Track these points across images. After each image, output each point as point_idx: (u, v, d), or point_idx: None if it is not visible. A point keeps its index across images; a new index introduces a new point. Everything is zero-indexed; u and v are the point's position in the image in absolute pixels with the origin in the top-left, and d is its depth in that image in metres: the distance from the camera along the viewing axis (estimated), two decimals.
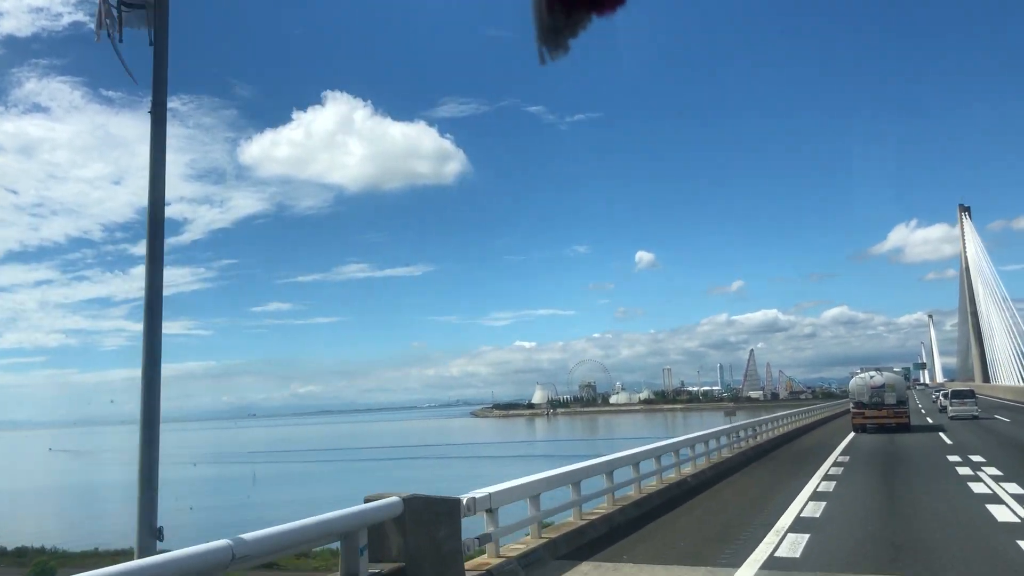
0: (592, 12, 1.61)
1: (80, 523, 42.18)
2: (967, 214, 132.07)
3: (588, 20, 1.62)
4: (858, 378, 34.87)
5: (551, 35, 1.63)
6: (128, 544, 22.06)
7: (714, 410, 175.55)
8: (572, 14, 1.60)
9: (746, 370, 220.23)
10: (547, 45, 1.63)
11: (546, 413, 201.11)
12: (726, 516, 13.20)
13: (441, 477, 49.53)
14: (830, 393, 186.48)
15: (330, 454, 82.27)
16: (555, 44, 1.64)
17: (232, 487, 57.83)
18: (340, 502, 7.51)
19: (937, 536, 10.83)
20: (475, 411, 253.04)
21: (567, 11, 1.59)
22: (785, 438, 32.43)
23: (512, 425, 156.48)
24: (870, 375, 34.40)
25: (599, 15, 1.61)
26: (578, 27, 1.62)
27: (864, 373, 34.89)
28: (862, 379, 34.51)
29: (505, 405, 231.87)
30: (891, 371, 35.97)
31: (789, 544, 10.22)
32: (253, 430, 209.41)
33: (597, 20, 1.62)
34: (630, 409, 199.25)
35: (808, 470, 19.51)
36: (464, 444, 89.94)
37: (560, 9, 1.59)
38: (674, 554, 10.11)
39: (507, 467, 55.51)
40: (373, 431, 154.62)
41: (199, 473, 64.88)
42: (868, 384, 34.05)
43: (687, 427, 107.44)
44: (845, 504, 13.97)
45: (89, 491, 61.32)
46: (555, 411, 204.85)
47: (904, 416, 33.75)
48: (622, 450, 14.60)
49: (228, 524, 28.22)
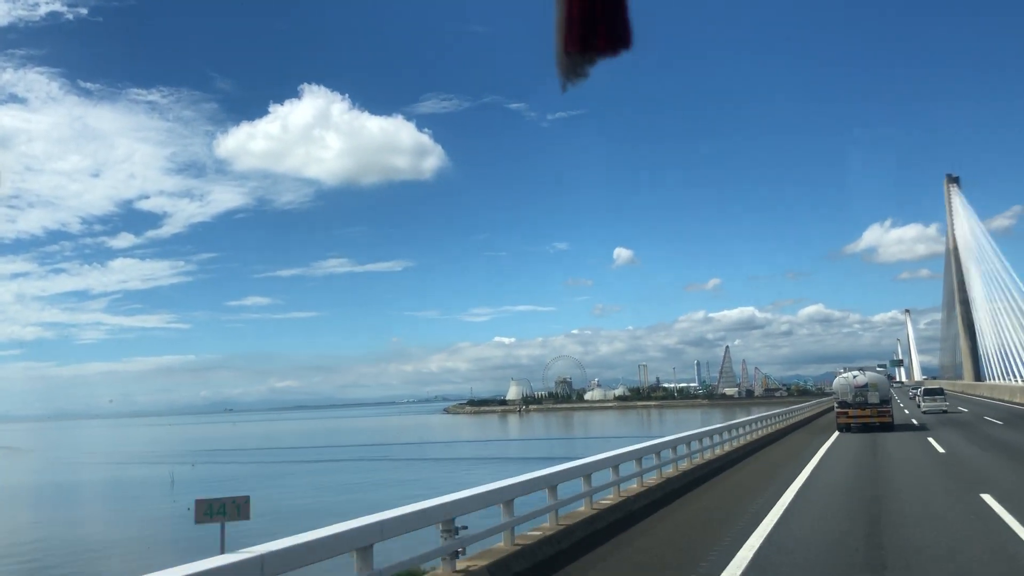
0: (606, 52, 1.76)
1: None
2: (956, 185, 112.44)
3: (602, 58, 1.78)
4: (841, 378, 34.76)
5: (569, 69, 1.78)
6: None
7: (688, 408, 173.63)
8: (587, 53, 1.76)
9: (721, 367, 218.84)
10: (567, 77, 1.78)
11: (518, 410, 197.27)
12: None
13: (372, 483, 44.22)
14: (805, 391, 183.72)
15: (272, 454, 76.56)
16: (575, 75, 1.78)
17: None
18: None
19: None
20: (448, 407, 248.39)
21: (582, 51, 1.75)
22: (740, 454, 27.75)
23: (482, 422, 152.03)
24: (853, 375, 34.30)
25: (612, 55, 1.77)
26: (592, 62, 1.79)
27: (848, 373, 34.71)
28: (845, 379, 34.39)
29: (479, 401, 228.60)
30: (874, 371, 35.88)
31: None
32: (218, 425, 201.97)
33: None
34: (603, 406, 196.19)
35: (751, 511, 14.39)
36: (422, 444, 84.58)
37: (576, 48, 1.75)
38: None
39: (456, 471, 50.56)
40: (333, 428, 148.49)
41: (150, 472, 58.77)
42: (852, 384, 33.94)
43: (654, 424, 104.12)
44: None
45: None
46: (527, 408, 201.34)
47: (887, 415, 33.77)
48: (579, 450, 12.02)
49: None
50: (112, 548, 27.42)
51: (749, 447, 27.45)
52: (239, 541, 7.86)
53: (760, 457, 25.10)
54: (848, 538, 11.07)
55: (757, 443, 29.00)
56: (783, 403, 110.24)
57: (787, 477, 18.59)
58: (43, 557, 25.37)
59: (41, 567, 24.10)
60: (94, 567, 24.31)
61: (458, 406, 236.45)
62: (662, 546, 11.24)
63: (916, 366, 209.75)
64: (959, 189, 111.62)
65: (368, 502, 30.72)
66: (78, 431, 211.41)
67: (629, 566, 10.13)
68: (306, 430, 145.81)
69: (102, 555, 25.93)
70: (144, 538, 29.16)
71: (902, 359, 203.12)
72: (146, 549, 26.56)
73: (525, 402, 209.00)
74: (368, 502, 30.72)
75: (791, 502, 14.55)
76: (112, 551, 26.78)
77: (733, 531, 11.76)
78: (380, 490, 39.42)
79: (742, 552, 10.13)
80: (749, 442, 28.30)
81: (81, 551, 26.57)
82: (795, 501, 14.70)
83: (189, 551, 10.98)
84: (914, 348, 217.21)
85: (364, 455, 68.06)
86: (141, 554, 24.97)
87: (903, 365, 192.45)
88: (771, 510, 13.55)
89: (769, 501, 14.57)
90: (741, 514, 13.39)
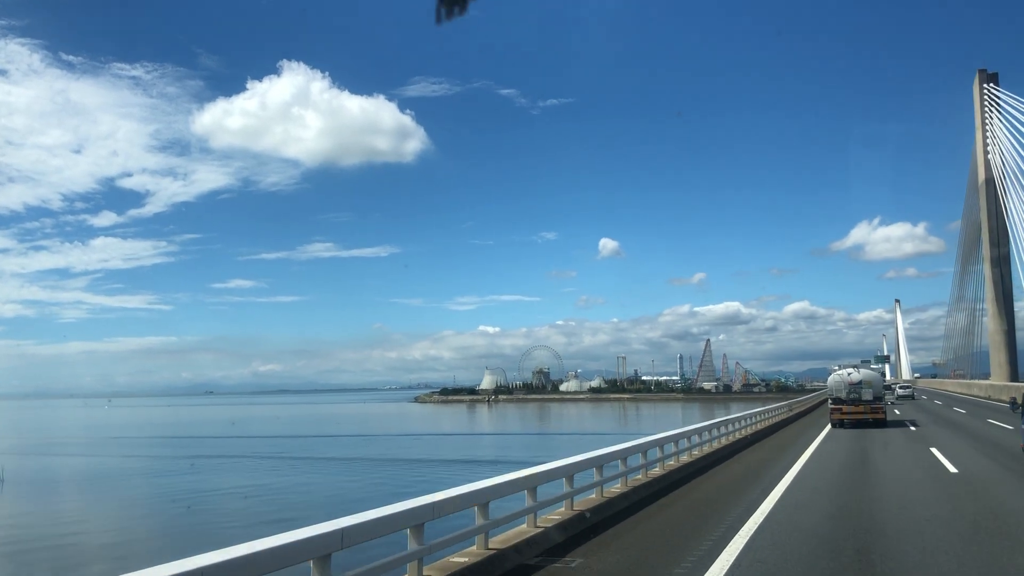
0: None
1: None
2: (992, 83, 77.56)
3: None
4: (836, 375, 35.45)
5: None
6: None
7: (662, 401, 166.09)
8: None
9: (701, 360, 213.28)
10: (444, 2, 1.52)
11: (487, 400, 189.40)
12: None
13: (274, 488, 34.85)
14: (785, 387, 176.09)
15: (171, 444, 67.09)
16: (452, 1, 1.52)
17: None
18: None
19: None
20: (419, 396, 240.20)
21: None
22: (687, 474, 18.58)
23: (443, 412, 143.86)
24: (848, 372, 34.92)
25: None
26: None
27: (842, 370, 35.32)
28: (840, 376, 34.97)
29: (453, 390, 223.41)
30: (868, 368, 36.70)
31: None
32: (192, 409, 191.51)
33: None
34: (576, 398, 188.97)
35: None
36: (351, 437, 75.15)
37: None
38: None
39: (343, 473, 41.47)
40: (272, 416, 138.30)
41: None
42: (846, 381, 34.50)
43: (621, 418, 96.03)
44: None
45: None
46: (496, 398, 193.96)
47: (880, 412, 34.43)
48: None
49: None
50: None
51: (677, 476, 18.34)
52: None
53: (693, 489, 16.03)
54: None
55: (702, 463, 20.07)
56: (761, 399, 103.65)
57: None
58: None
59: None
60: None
61: (428, 395, 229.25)
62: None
63: (905, 362, 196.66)
64: (996, 89, 76.42)
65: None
66: (45, 410, 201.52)
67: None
68: (244, 416, 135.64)
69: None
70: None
71: (888, 355, 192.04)
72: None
73: (497, 392, 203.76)
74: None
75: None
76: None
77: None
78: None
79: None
80: (686, 463, 19.34)
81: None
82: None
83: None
84: (903, 342, 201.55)
85: (270, 450, 58.82)
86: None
87: (889, 362, 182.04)
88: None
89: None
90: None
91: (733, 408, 73.04)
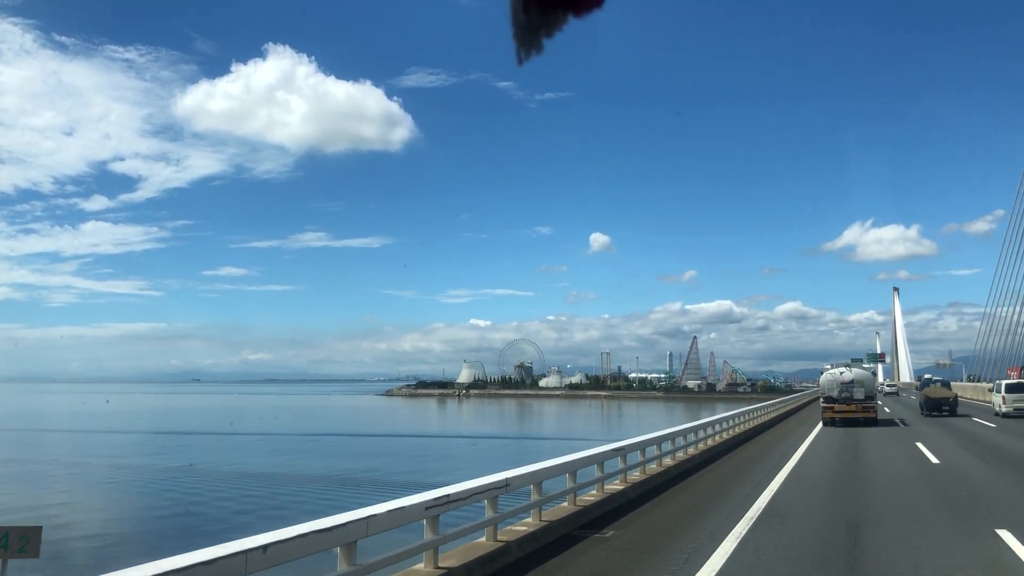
0: (569, 12, 1.54)
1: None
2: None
3: (565, 20, 1.55)
4: (828, 374, 35.60)
5: (527, 34, 1.55)
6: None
7: (641, 400, 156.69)
8: (549, 13, 1.52)
9: (687, 358, 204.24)
10: (523, 44, 1.55)
11: (457, 394, 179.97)
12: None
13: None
14: (772, 387, 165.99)
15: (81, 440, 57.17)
16: (530, 44, 1.56)
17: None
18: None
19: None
20: (390, 389, 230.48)
21: (544, 10, 1.52)
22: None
23: (410, 407, 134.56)
24: (840, 371, 35.17)
25: (576, 16, 1.55)
26: (554, 27, 1.55)
27: (835, 369, 35.69)
28: (832, 375, 35.11)
29: (425, 384, 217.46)
30: (860, 367, 37.13)
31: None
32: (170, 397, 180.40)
33: (574, 20, 1.56)
34: (551, 394, 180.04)
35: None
36: (273, 434, 65.15)
37: (537, 8, 1.52)
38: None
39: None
40: (226, 405, 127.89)
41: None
42: (838, 380, 34.47)
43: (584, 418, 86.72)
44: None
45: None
46: (466, 392, 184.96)
47: (872, 411, 34.55)
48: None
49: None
50: None
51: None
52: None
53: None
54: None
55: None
56: (745, 400, 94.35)
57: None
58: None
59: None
60: None
61: (399, 388, 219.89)
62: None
63: (904, 361, 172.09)
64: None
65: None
66: (29, 395, 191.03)
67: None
68: (217, 407, 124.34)
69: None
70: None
71: (883, 353, 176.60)
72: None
73: (469, 386, 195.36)
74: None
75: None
76: None
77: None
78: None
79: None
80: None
81: None
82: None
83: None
84: (902, 338, 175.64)
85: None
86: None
87: (884, 362, 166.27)
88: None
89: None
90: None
91: (719, 408, 67.95)
